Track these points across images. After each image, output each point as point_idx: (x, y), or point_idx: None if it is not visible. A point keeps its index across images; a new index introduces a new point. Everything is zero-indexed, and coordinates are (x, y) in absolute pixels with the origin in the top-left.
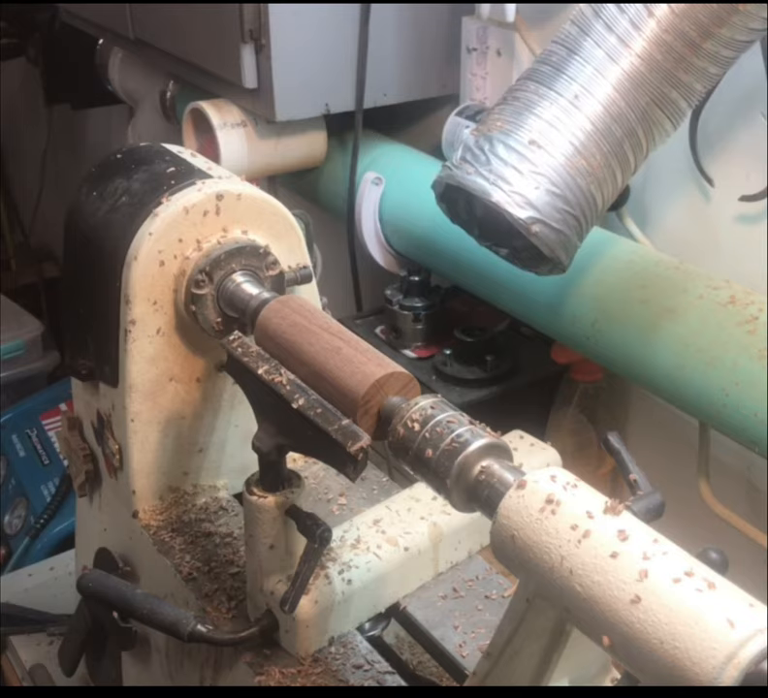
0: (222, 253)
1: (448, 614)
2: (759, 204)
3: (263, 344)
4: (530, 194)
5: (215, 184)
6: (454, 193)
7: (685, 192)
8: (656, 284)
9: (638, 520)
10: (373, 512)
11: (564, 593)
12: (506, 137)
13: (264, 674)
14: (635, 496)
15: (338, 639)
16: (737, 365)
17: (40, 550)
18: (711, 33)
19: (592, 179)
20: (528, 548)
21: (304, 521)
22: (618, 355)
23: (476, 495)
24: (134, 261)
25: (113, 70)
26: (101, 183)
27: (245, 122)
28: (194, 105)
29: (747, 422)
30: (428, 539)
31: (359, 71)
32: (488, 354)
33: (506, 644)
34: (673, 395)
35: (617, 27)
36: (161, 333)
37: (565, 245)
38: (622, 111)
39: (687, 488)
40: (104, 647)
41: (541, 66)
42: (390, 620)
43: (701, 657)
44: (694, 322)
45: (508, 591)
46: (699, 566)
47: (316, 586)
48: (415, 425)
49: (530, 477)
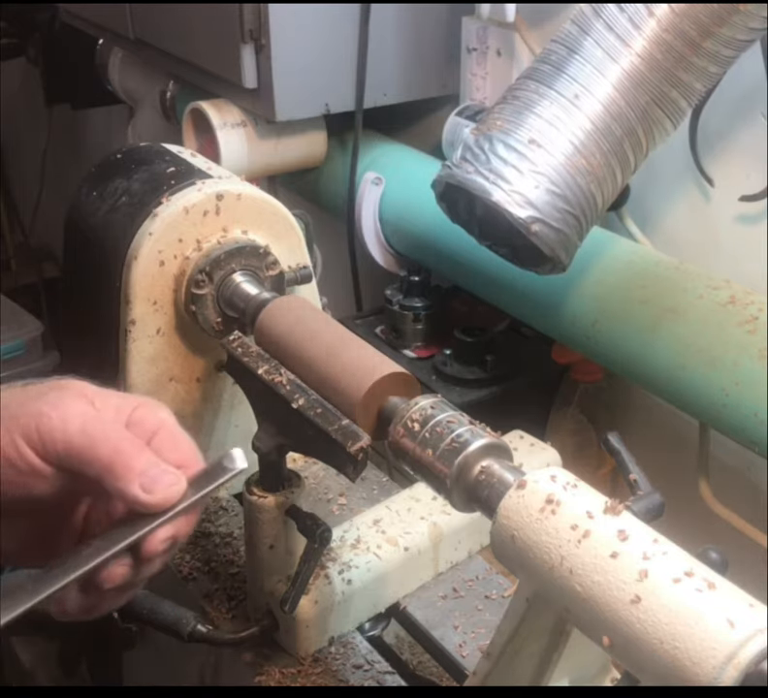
0: (222, 253)
1: (448, 614)
2: (759, 204)
3: (263, 344)
4: (530, 193)
5: (215, 184)
6: (454, 192)
7: (685, 192)
8: (656, 284)
9: (638, 520)
10: (373, 512)
11: (564, 593)
12: (506, 136)
13: (264, 674)
14: (635, 496)
15: (338, 639)
16: (737, 365)
17: None
18: (711, 32)
19: (591, 179)
20: (528, 548)
21: (304, 521)
22: (618, 355)
23: (476, 495)
24: (134, 261)
25: (113, 70)
26: (101, 183)
27: (245, 122)
28: (194, 105)
29: (747, 422)
30: (428, 539)
31: (359, 71)
32: (488, 354)
33: (506, 644)
34: (673, 395)
35: (617, 26)
36: (161, 333)
37: (565, 245)
38: (622, 110)
39: (687, 488)
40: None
41: (541, 65)
42: (390, 620)
43: (701, 657)
44: (694, 322)
45: (508, 591)
46: (699, 566)
47: (316, 587)
48: (415, 425)
49: (530, 477)
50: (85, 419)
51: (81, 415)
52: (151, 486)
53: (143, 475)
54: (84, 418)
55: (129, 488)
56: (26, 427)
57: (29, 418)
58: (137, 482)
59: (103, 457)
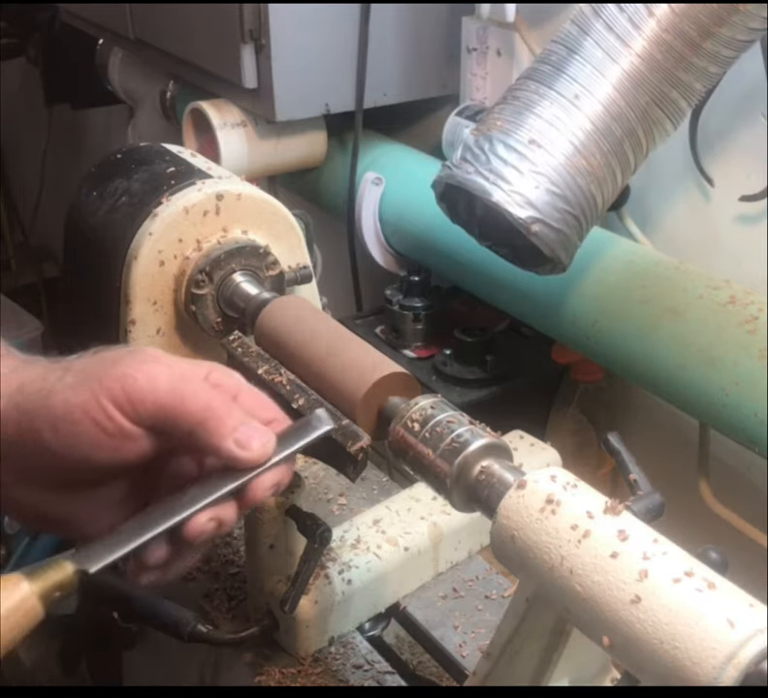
0: (222, 253)
1: (448, 614)
2: (759, 204)
3: (263, 344)
4: (530, 193)
5: (215, 184)
6: (454, 193)
7: (685, 192)
8: (656, 284)
9: (638, 520)
10: (373, 512)
11: (564, 593)
12: (506, 136)
13: (264, 674)
14: (635, 496)
15: (338, 639)
16: (737, 365)
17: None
18: (711, 33)
19: (591, 179)
20: (528, 548)
21: (304, 521)
22: (618, 355)
23: (476, 495)
24: (134, 261)
25: (113, 70)
26: (101, 183)
27: (245, 122)
28: (194, 105)
29: (747, 422)
30: (428, 539)
31: (359, 71)
32: (488, 354)
33: (506, 644)
34: (673, 395)
35: (617, 27)
36: (161, 333)
37: (565, 245)
38: (622, 110)
39: (687, 488)
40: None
41: (541, 65)
42: (390, 620)
43: (701, 657)
44: (694, 322)
45: (508, 591)
46: (699, 566)
47: (316, 587)
48: (415, 425)
49: (530, 477)
50: (172, 378)
51: (168, 374)
52: (246, 442)
53: (235, 431)
54: (171, 377)
55: (223, 443)
56: (112, 389)
57: (113, 381)
58: (230, 438)
59: (195, 413)
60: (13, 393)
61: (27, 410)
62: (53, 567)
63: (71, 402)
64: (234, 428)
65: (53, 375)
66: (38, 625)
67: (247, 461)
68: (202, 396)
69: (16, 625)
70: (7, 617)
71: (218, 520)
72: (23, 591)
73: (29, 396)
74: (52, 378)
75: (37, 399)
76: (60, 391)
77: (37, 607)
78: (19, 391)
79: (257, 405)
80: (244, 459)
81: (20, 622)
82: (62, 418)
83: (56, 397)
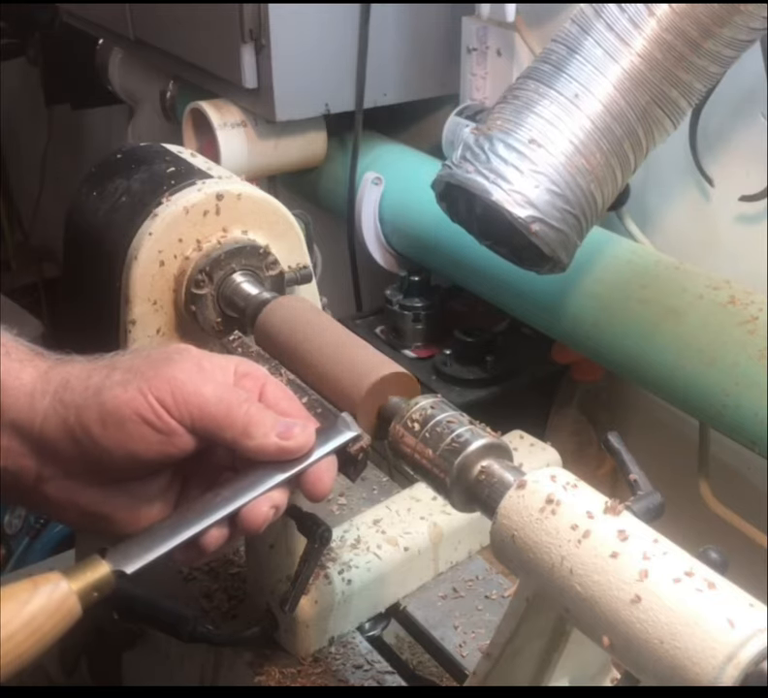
0: (222, 253)
1: (448, 614)
2: (759, 204)
3: (263, 344)
4: (530, 193)
5: (215, 184)
6: (454, 192)
7: (685, 192)
8: (656, 284)
9: (638, 520)
10: (373, 512)
11: (564, 593)
12: (506, 135)
13: (264, 674)
14: (635, 496)
15: (338, 639)
16: (737, 365)
17: (40, 550)
18: (712, 32)
19: (592, 178)
20: (528, 548)
21: (304, 521)
22: (618, 355)
23: (476, 495)
24: (134, 261)
25: (113, 70)
26: (101, 183)
27: (245, 122)
28: (194, 105)
29: (747, 422)
30: (428, 539)
31: (359, 71)
32: (488, 354)
33: (506, 644)
34: (673, 395)
35: (617, 26)
36: (161, 333)
37: (565, 244)
38: (622, 109)
39: (687, 488)
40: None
41: (541, 65)
42: (390, 620)
43: (701, 657)
44: (694, 322)
45: (508, 591)
46: (699, 566)
47: (316, 587)
48: (415, 425)
49: (530, 477)
50: (215, 386)
51: (214, 383)
52: (288, 434)
53: (275, 428)
54: (214, 385)
55: (269, 440)
56: (161, 390)
57: (162, 382)
58: (272, 434)
59: (238, 423)
60: (57, 389)
61: (75, 406)
62: (90, 567)
63: (120, 399)
64: (273, 427)
65: (98, 373)
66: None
67: (295, 449)
68: (243, 405)
69: (58, 624)
70: (51, 615)
71: (276, 507)
72: (63, 590)
73: (76, 392)
74: (98, 376)
75: (85, 396)
76: (109, 387)
77: (77, 606)
78: (64, 387)
79: (284, 395)
80: (291, 447)
81: (61, 622)
82: (111, 413)
83: (106, 394)
